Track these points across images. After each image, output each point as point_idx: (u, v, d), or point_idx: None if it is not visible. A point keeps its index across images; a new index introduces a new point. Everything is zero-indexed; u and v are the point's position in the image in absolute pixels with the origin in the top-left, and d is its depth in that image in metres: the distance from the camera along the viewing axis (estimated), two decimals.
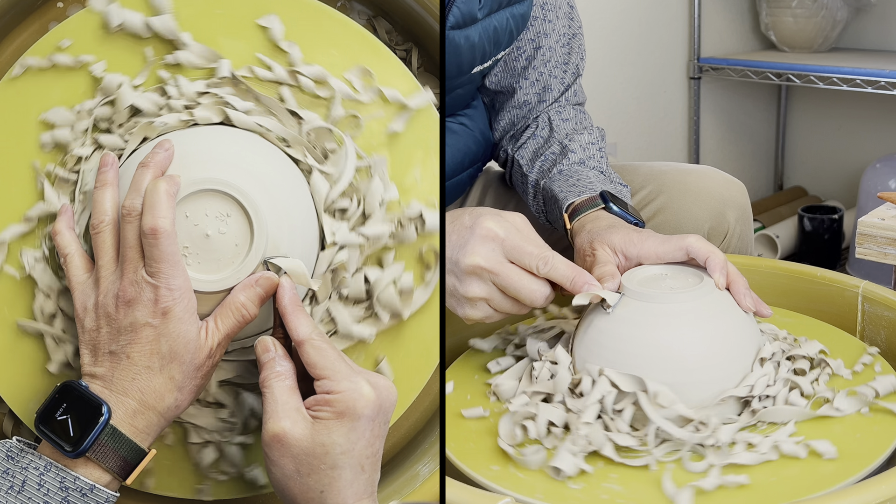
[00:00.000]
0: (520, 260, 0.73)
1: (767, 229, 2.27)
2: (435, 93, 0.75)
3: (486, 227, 0.73)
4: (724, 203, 1.05)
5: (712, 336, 0.71)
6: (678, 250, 0.78)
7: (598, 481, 0.64)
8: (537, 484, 0.65)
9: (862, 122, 2.40)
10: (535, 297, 0.74)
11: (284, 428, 0.59)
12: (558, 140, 1.06)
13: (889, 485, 0.57)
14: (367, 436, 0.60)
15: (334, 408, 0.59)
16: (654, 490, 0.63)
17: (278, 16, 0.67)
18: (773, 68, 2.13)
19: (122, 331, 0.60)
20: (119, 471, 0.59)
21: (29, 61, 0.66)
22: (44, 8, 0.71)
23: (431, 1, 0.72)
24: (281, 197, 0.65)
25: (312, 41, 0.67)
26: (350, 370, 0.61)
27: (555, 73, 1.10)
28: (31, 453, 0.59)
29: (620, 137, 2.15)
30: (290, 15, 0.67)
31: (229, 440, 0.68)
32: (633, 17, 2.12)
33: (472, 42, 0.96)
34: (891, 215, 1.06)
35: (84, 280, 0.63)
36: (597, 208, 0.91)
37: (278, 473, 0.60)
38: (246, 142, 0.66)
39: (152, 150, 0.64)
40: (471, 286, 0.74)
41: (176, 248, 0.60)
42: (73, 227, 0.64)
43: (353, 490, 0.60)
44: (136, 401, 0.60)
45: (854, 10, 2.26)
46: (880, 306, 0.85)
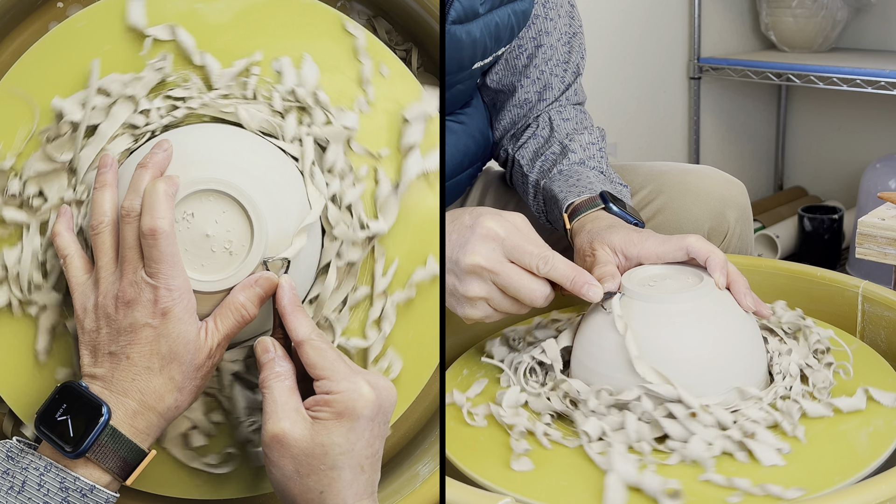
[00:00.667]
0: (520, 259, 0.73)
1: (767, 229, 2.27)
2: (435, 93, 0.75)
3: (487, 227, 0.73)
4: (724, 203, 1.05)
5: (713, 336, 0.71)
6: (678, 250, 0.78)
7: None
8: (533, 483, 0.65)
9: (862, 122, 2.40)
10: (535, 297, 0.74)
11: (284, 428, 0.59)
12: (559, 140, 1.06)
13: (889, 485, 0.57)
14: (366, 436, 0.60)
15: (333, 408, 0.59)
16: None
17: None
18: (773, 68, 2.13)
19: (122, 331, 0.60)
20: (119, 471, 0.59)
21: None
22: (44, 8, 0.71)
23: (431, 0, 0.72)
24: (279, 193, 0.65)
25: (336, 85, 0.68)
26: (349, 370, 0.61)
27: (556, 72, 1.10)
28: (31, 453, 0.59)
29: (620, 137, 2.15)
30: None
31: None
32: (633, 17, 2.12)
33: (474, 37, 0.96)
34: (891, 215, 1.06)
35: (84, 281, 0.63)
36: (596, 208, 0.91)
37: (278, 474, 0.60)
38: (244, 140, 0.66)
39: (151, 150, 0.64)
40: (471, 285, 0.74)
41: (175, 249, 0.60)
42: (72, 229, 0.64)
43: (352, 490, 0.60)
44: (135, 401, 0.60)
45: (854, 10, 2.26)
46: (880, 306, 0.85)
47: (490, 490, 0.65)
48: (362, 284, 0.68)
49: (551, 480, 0.65)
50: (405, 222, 0.68)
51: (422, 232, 0.68)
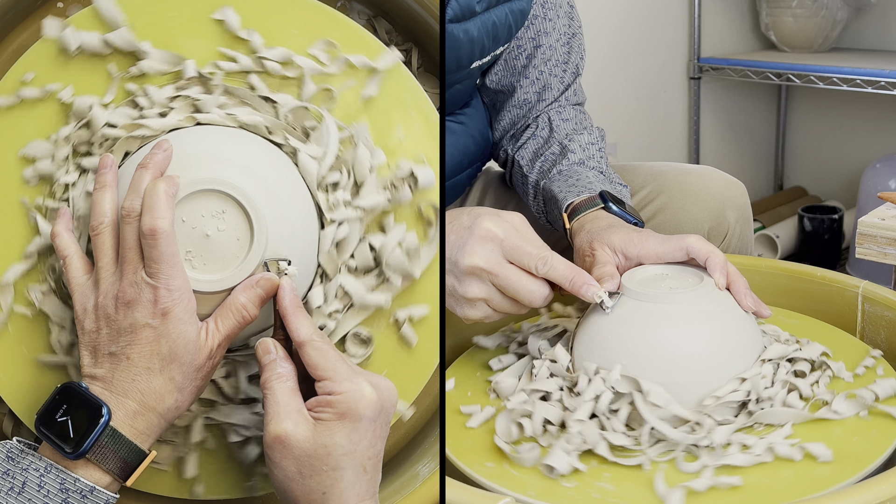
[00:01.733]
0: (518, 260, 0.73)
1: (767, 229, 2.27)
2: (434, 93, 0.75)
3: (485, 228, 0.73)
4: (724, 203, 1.05)
5: (712, 336, 0.71)
6: (678, 250, 0.78)
7: (592, 480, 0.65)
8: (531, 482, 0.65)
9: (862, 122, 2.40)
10: (534, 298, 0.74)
11: (287, 429, 0.59)
12: (558, 140, 1.06)
13: (888, 485, 0.57)
14: (368, 437, 0.60)
15: (336, 409, 0.59)
16: (646, 490, 0.63)
17: (232, 7, 0.67)
18: (773, 68, 2.13)
19: (122, 332, 0.60)
20: (119, 472, 0.59)
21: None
22: (44, 8, 0.71)
23: (431, 0, 0.72)
24: (279, 193, 0.65)
25: (270, 25, 0.68)
26: (351, 371, 0.61)
27: (555, 72, 1.10)
28: (31, 454, 0.59)
29: (620, 137, 2.15)
30: (243, 4, 0.67)
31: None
32: (633, 17, 2.12)
33: (472, 36, 0.96)
34: (891, 215, 1.06)
35: (83, 282, 0.63)
36: (596, 208, 0.91)
37: (280, 475, 0.60)
38: (243, 140, 0.66)
39: (151, 150, 0.64)
40: (470, 287, 0.74)
41: (175, 249, 0.60)
42: (71, 230, 0.64)
43: (355, 491, 0.60)
44: (136, 402, 0.60)
45: (854, 10, 2.26)
46: (880, 306, 0.85)
47: (490, 490, 0.65)
48: (368, 253, 0.68)
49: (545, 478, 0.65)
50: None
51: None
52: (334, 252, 0.67)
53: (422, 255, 0.68)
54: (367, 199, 0.67)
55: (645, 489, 0.63)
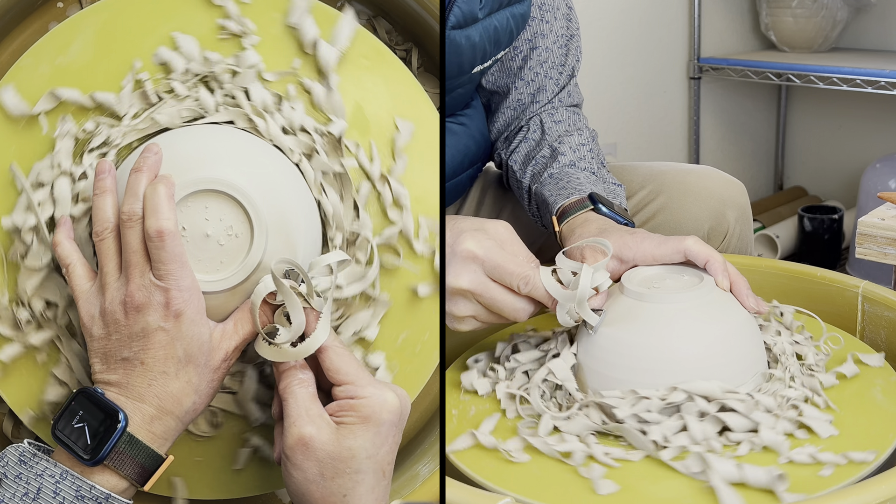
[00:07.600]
0: (501, 279, 0.74)
1: (767, 229, 2.27)
2: (434, 93, 0.75)
3: (466, 249, 0.73)
4: (723, 203, 1.05)
5: (713, 336, 0.71)
6: (675, 252, 0.78)
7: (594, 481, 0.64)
8: (531, 482, 0.65)
9: (862, 122, 2.40)
10: (518, 315, 0.75)
11: (311, 432, 0.59)
12: (549, 143, 1.06)
13: (889, 485, 0.57)
14: (389, 441, 0.61)
15: (359, 412, 0.60)
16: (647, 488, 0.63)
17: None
18: (773, 68, 2.13)
19: (134, 337, 0.60)
20: (137, 478, 0.59)
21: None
22: (44, 8, 0.71)
23: (431, 1, 0.72)
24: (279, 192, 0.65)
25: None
26: (371, 377, 0.61)
27: (550, 74, 1.10)
28: (45, 460, 0.58)
29: (620, 137, 2.15)
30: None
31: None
32: (633, 17, 2.12)
33: (473, 42, 0.96)
34: (891, 215, 1.06)
35: (88, 289, 0.62)
36: (585, 210, 0.91)
37: (300, 477, 0.59)
38: (240, 139, 0.66)
39: (141, 154, 0.63)
40: (457, 306, 0.75)
41: (182, 249, 0.60)
42: (72, 238, 0.64)
43: (374, 495, 0.60)
44: (153, 406, 0.59)
45: (854, 10, 2.26)
46: (880, 306, 0.85)
47: (490, 490, 0.65)
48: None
49: (551, 480, 0.65)
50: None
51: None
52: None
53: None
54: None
55: (648, 488, 0.63)
